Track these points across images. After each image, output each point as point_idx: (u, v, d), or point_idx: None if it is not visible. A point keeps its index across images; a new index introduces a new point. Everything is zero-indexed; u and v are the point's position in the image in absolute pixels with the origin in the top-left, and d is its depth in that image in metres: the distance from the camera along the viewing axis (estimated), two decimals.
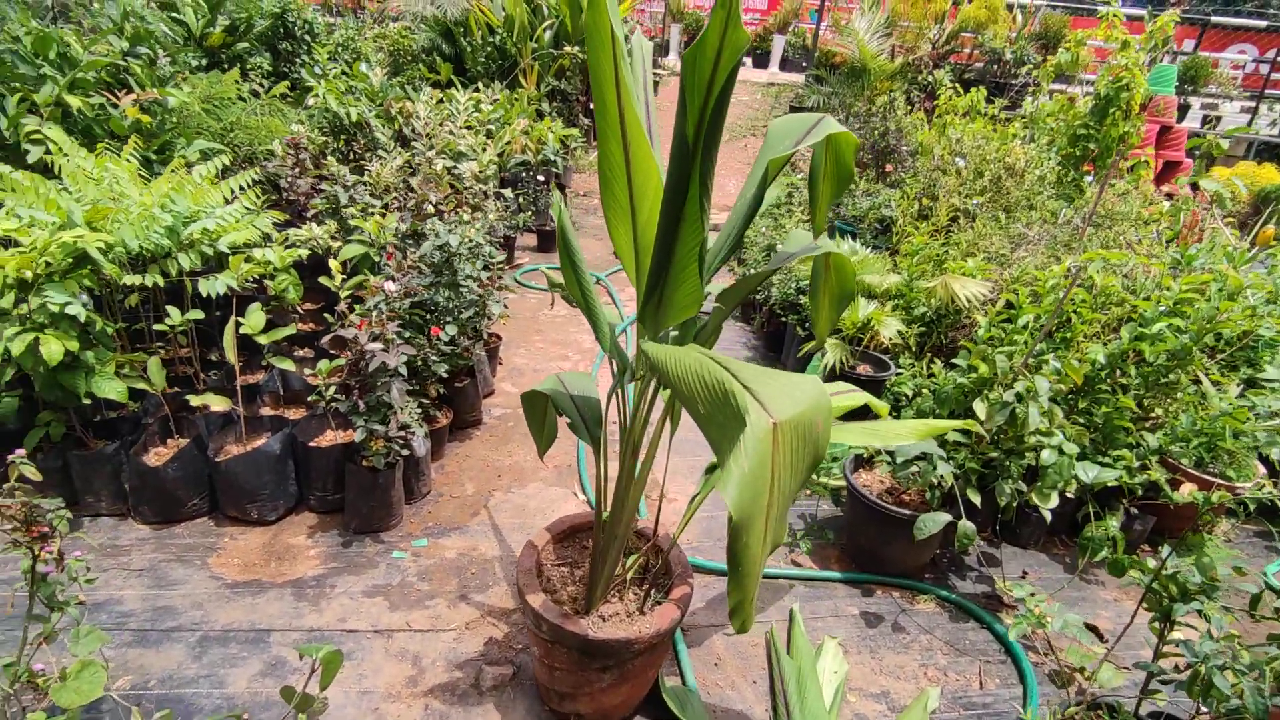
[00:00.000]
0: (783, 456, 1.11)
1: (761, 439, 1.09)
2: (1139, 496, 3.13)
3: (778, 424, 1.10)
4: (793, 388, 1.17)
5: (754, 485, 1.08)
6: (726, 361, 1.25)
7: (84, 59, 4.53)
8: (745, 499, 1.08)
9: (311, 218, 4.33)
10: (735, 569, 1.17)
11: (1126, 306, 3.25)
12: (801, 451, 1.14)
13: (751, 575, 1.16)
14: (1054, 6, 15.26)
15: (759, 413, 1.11)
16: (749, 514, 1.10)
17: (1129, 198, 5.38)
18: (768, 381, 1.18)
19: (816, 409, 1.15)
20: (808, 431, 1.13)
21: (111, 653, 2.35)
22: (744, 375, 1.19)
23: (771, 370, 1.23)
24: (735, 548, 1.14)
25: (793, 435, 1.11)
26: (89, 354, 2.59)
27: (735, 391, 1.14)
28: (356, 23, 9.96)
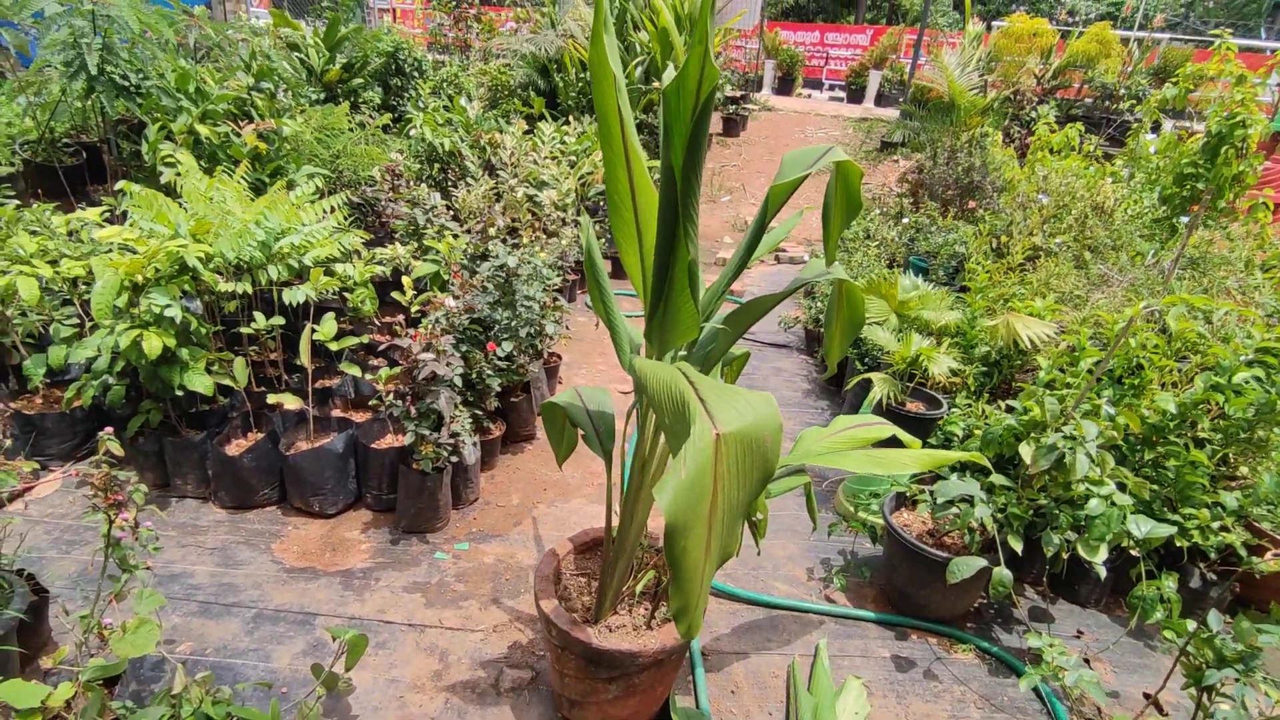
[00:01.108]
0: (726, 467, 1.15)
1: (703, 449, 1.13)
2: (1217, 562, 2.88)
3: (720, 435, 1.14)
4: (744, 404, 1.21)
5: (691, 492, 1.12)
6: (695, 378, 1.30)
7: (215, 93, 5.11)
8: (680, 504, 1.13)
9: (396, 238, 4.68)
10: (675, 572, 1.20)
11: (1209, 355, 3.03)
12: (748, 464, 1.17)
13: (692, 581, 1.20)
14: (1179, 40, 14.38)
15: (704, 423, 1.15)
16: (685, 520, 1.14)
17: (1240, 242, 4.98)
18: (721, 396, 1.22)
19: (765, 426, 1.18)
20: (754, 445, 1.16)
21: (179, 620, 2.60)
22: (703, 389, 1.24)
23: (733, 388, 1.27)
24: (673, 551, 1.18)
25: (737, 447, 1.15)
26: (184, 351, 2.91)
27: (690, 403, 1.19)
28: (461, 60, 10.68)
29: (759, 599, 2.91)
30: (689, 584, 1.20)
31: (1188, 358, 3.15)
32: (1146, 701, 2.35)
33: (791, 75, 16.61)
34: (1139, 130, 6.33)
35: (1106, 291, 3.76)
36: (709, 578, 1.25)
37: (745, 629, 2.80)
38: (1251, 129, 5.55)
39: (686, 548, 1.17)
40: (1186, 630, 1.78)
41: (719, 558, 1.23)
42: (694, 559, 1.18)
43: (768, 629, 2.80)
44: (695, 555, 1.18)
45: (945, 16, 22.24)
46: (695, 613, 1.25)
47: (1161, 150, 6.18)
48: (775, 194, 1.62)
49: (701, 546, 1.18)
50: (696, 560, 1.18)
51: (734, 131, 12.32)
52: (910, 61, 14.43)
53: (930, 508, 2.77)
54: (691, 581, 1.20)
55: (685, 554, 1.17)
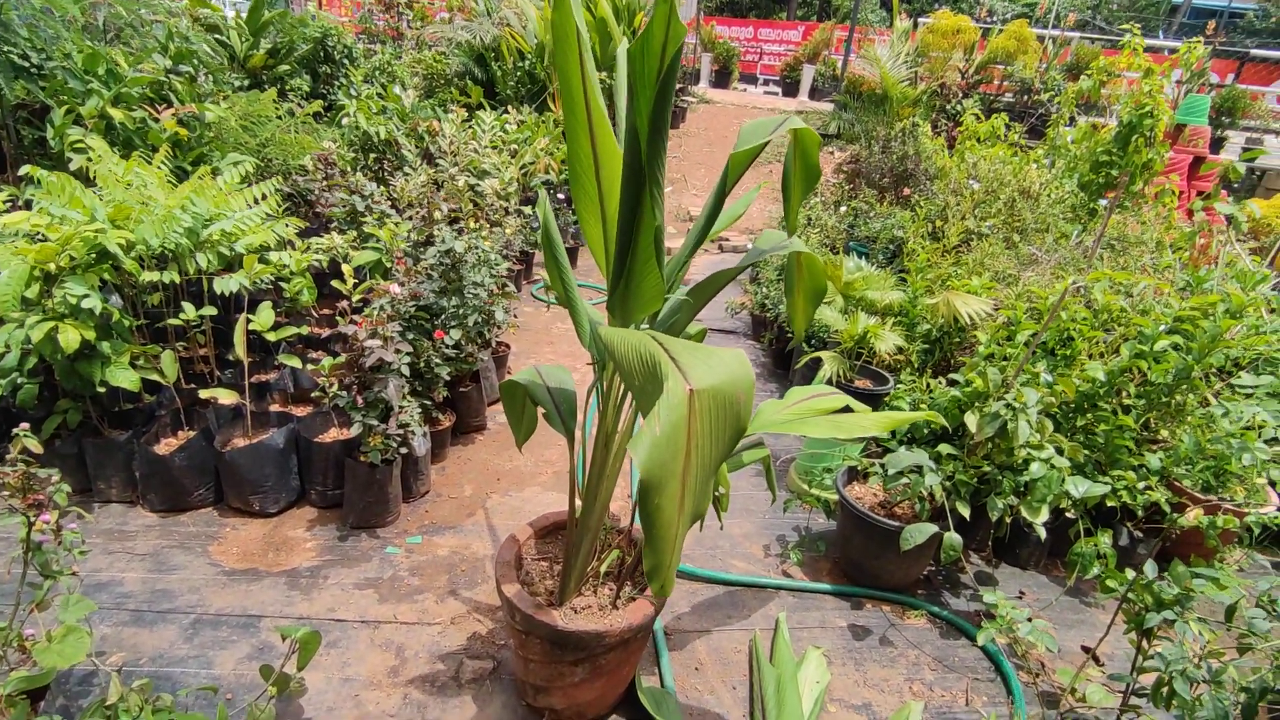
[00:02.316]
0: (700, 424, 1.14)
1: (676, 405, 1.12)
2: (1143, 520, 3.06)
3: (694, 391, 1.13)
4: (716, 361, 1.21)
5: (667, 448, 1.11)
6: (664, 339, 1.29)
7: (129, 76, 4.80)
8: (655, 461, 1.11)
9: (333, 227, 4.50)
10: (649, 530, 1.19)
11: (1131, 326, 3.21)
12: (721, 421, 1.17)
13: (666, 539, 1.19)
14: (1088, 39, 15.20)
15: (677, 380, 1.14)
16: (659, 476, 1.13)
17: (1150, 224, 5.30)
18: (693, 355, 1.21)
19: (736, 381, 1.18)
20: (727, 402, 1.16)
21: (109, 630, 2.44)
22: (673, 349, 1.23)
23: (703, 346, 1.26)
24: (647, 508, 1.16)
25: (711, 403, 1.15)
26: (105, 344, 2.72)
27: (662, 362, 1.17)
28: (394, 49, 10.36)
29: (718, 577, 2.93)
30: (662, 542, 1.19)
31: (1112, 329, 3.33)
32: (1087, 655, 2.48)
33: (728, 69, 16.80)
34: (1058, 121, 6.66)
35: (1036, 270, 3.93)
36: (682, 536, 1.24)
37: (706, 607, 2.82)
38: (1158, 119, 5.93)
39: (660, 505, 1.15)
40: (1125, 580, 1.88)
41: (691, 516, 1.22)
42: (668, 516, 1.17)
43: (728, 606, 2.83)
44: (669, 513, 1.16)
45: (875, 14, 22.90)
46: (668, 571, 1.24)
47: (1078, 140, 6.53)
48: (735, 162, 1.62)
49: (675, 504, 1.17)
50: (670, 518, 1.17)
51: (674, 124, 12.38)
52: (842, 56, 14.81)
53: (882, 479, 2.85)
54: (665, 539, 1.19)
55: (659, 511, 1.16)
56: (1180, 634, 1.63)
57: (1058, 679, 2.56)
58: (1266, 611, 1.57)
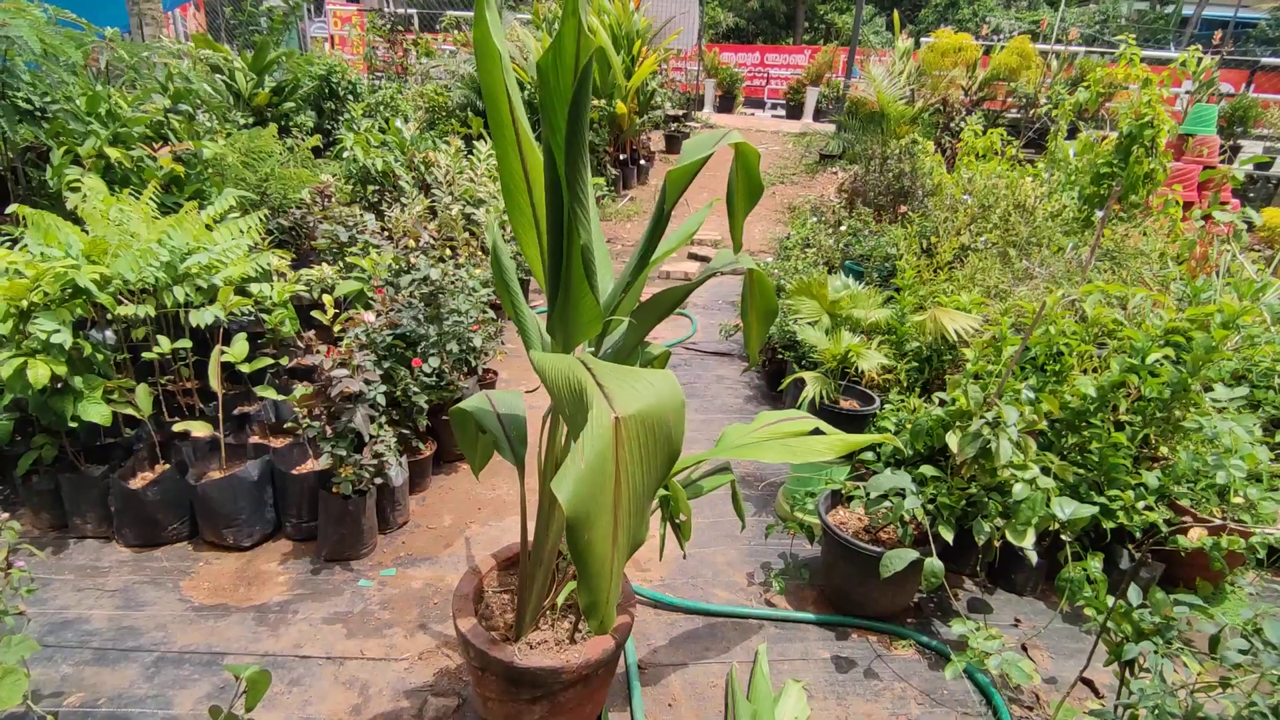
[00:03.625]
0: (629, 452, 1.09)
1: (601, 434, 1.07)
2: (1143, 541, 2.92)
3: (620, 419, 1.08)
4: (644, 385, 1.15)
5: (593, 481, 1.06)
6: (594, 364, 1.24)
7: (128, 116, 4.91)
8: (581, 495, 1.06)
9: (324, 258, 4.53)
10: (582, 568, 1.13)
11: (1124, 339, 3.10)
12: (652, 448, 1.11)
13: (601, 575, 1.13)
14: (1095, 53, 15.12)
15: (602, 407, 1.09)
16: (587, 510, 1.07)
17: (1153, 235, 5.18)
18: (621, 380, 1.16)
19: (666, 405, 1.12)
20: (657, 426, 1.11)
21: (70, 669, 2.40)
22: (600, 374, 1.17)
23: (633, 370, 1.21)
24: (577, 546, 1.10)
25: (640, 430, 1.09)
26: (77, 379, 2.73)
27: (588, 389, 1.12)
28: (399, 83, 10.57)
29: (696, 607, 2.84)
30: (597, 578, 1.13)
31: (1105, 344, 3.22)
32: (1078, 682, 2.35)
33: (732, 94, 16.92)
34: (1057, 133, 6.58)
35: (1029, 284, 3.84)
36: (619, 570, 1.17)
37: (683, 639, 2.72)
38: (1159, 129, 5.83)
39: (591, 541, 1.09)
40: (1105, 607, 1.77)
41: (628, 548, 1.16)
42: (600, 551, 1.11)
43: (706, 638, 2.73)
44: (601, 548, 1.10)
45: (878, 35, 23.04)
46: (607, 608, 1.17)
47: (1080, 152, 6.44)
48: (673, 179, 1.58)
49: (608, 538, 1.11)
50: (603, 553, 1.11)
51: (676, 148, 12.45)
52: (844, 78, 14.86)
53: (864, 503, 2.75)
54: (600, 575, 1.12)
55: (590, 547, 1.10)
56: (1155, 667, 1.52)
57: (1052, 712, 2.42)
58: (1249, 641, 1.46)
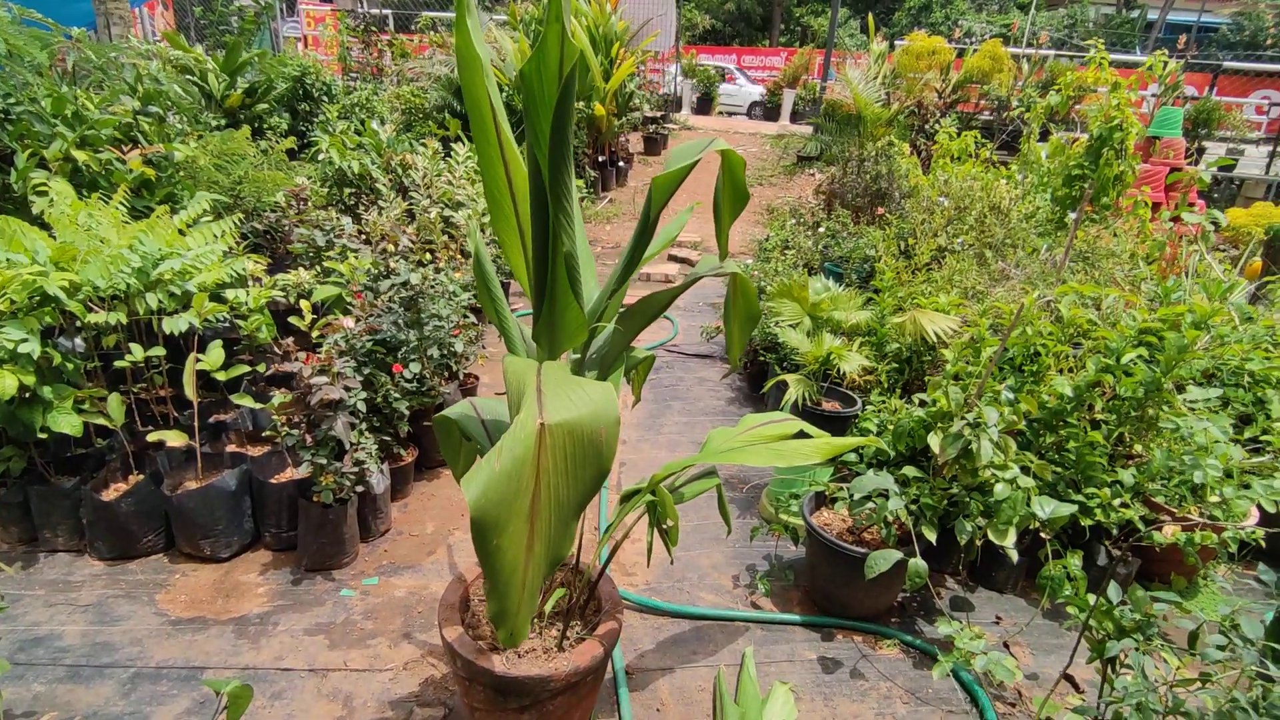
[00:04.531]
0: (553, 461, 1.08)
1: (523, 439, 1.06)
2: (1120, 538, 2.98)
3: (545, 425, 1.07)
4: (580, 395, 1.15)
5: (506, 485, 1.04)
6: (547, 372, 1.23)
7: (96, 118, 4.80)
8: (491, 498, 1.04)
9: (300, 262, 4.46)
10: (489, 574, 1.12)
11: (1099, 340, 3.16)
12: (578, 458, 1.10)
13: (510, 583, 1.11)
14: (1064, 57, 15.42)
15: (530, 412, 1.08)
16: (497, 515, 1.06)
17: (1124, 236, 5.29)
18: (560, 389, 1.16)
19: (598, 417, 1.12)
20: (586, 438, 1.10)
21: (42, 688, 2.33)
22: (547, 381, 1.17)
23: (579, 380, 1.20)
24: (485, 549, 1.09)
25: (566, 440, 1.08)
26: (46, 389, 2.66)
27: (527, 393, 1.11)
28: (375, 85, 10.46)
29: (683, 611, 2.84)
30: (507, 586, 1.11)
31: (1080, 344, 3.28)
32: (1061, 679, 2.38)
33: (710, 95, 16.99)
34: (1030, 135, 6.69)
35: (1006, 285, 3.90)
36: (533, 581, 1.15)
37: (670, 643, 2.72)
38: (1128, 131, 5.96)
39: (500, 546, 1.08)
40: (1087, 605, 1.80)
41: (547, 561, 1.14)
42: (510, 559, 1.09)
43: (693, 641, 2.73)
44: (512, 555, 1.09)
45: (853, 38, 23.27)
46: (516, 620, 1.16)
47: (1051, 155, 6.56)
48: (659, 186, 1.58)
49: (520, 546, 1.09)
50: (514, 561, 1.09)
51: (655, 150, 12.47)
52: (821, 80, 14.99)
53: (848, 505, 2.77)
54: (510, 584, 1.11)
55: (499, 553, 1.08)
56: (1137, 664, 1.55)
57: (1035, 708, 2.46)
58: (1227, 637, 1.49)
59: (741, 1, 28.32)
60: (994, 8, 27.61)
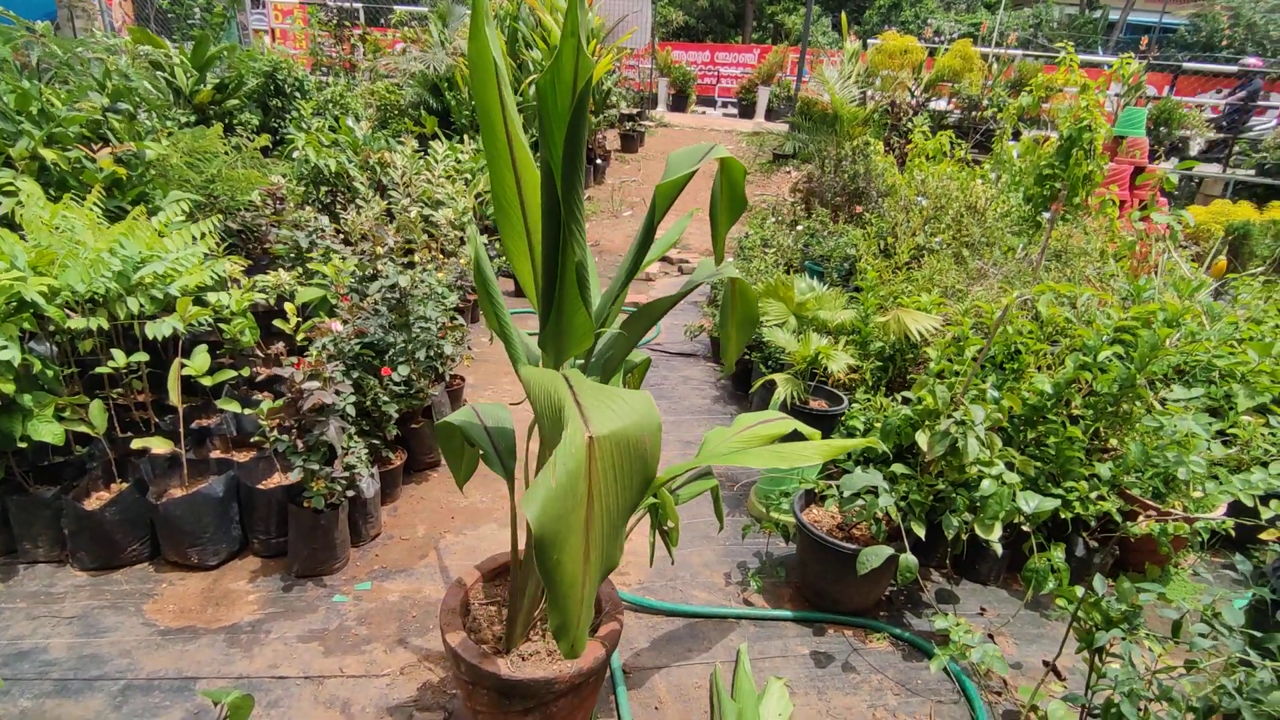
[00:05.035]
0: (602, 472, 1.10)
1: (574, 453, 1.08)
2: (1098, 530, 3.08)
3: (594, 438, 1.09)
4: (621, 405, 1.17)
5: (563, 500, 1.06)
6: (576, 381, 1.25)
7: (64, 115, 4.66)
8: (551, 514, 1.06)
9: (280, 264, 4.39)
10: (551, 589, 1.14)
11: (1076, 338, 3.26)
12: (627, 468, 1.12)
13: (571, 596, 1.14)
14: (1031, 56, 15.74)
15: (576, 425, 1.10)
16: (556, 530, 1.08)
17: (1094, 235, 5.43)
18: (599, 398, 1.17)
19: (643, 426, 1.14)
20: (633, 447, 1.12)
21: (28, 703, 2.29)
22: (581, 391, 1.18)
23: (613, 389, 1.22)
24: (545, 565, 1.11)
25: (614, 451, 1.10)
26: (26, 397, 2.60)
27: (566, 406, 1.13)
28: (348, 80, 10.30)
29: (677, 609, 2.87)
30: (566, 600, 1.13)
31: (1058, 341, 3.38)
32: (1046, 669, 2.46)
33: (685, 93, 17.02)
34: (1002, 136, 6.83)
35: (984, 284, 3.99)
36: (590, 592, 1.18)
37: (665, 641, 2.75)
38: (1097, 132, 6.12)
39: (561, 561, 1.10)
40: (1075, 597, 1.87)
41: (600, 570, 1.17)
42: (570, 573, 1.11)
43: (688, 639, 2.76)
44: (571, 569, 1.11)
45: (826, 36, 23.46)
46: (577, 630, 1.18)
47: (1023, 154, 6.72)
48: (661, 193, 1.59)
49: (578, 559, 1.11)
50: (574, 574, 1.12)
51: (632, 147, 12.47)
52: (795, 78, 15.11)
53: (838, 502, 2.82)
54: (570, 597, 1.13)
55: (559, 568, 1.10)
56: (1126, 652, 1.62)
57: (1020, 697, 2.54)
58: (1210, 625, 1.57)
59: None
60: (962, 7, 28.05)
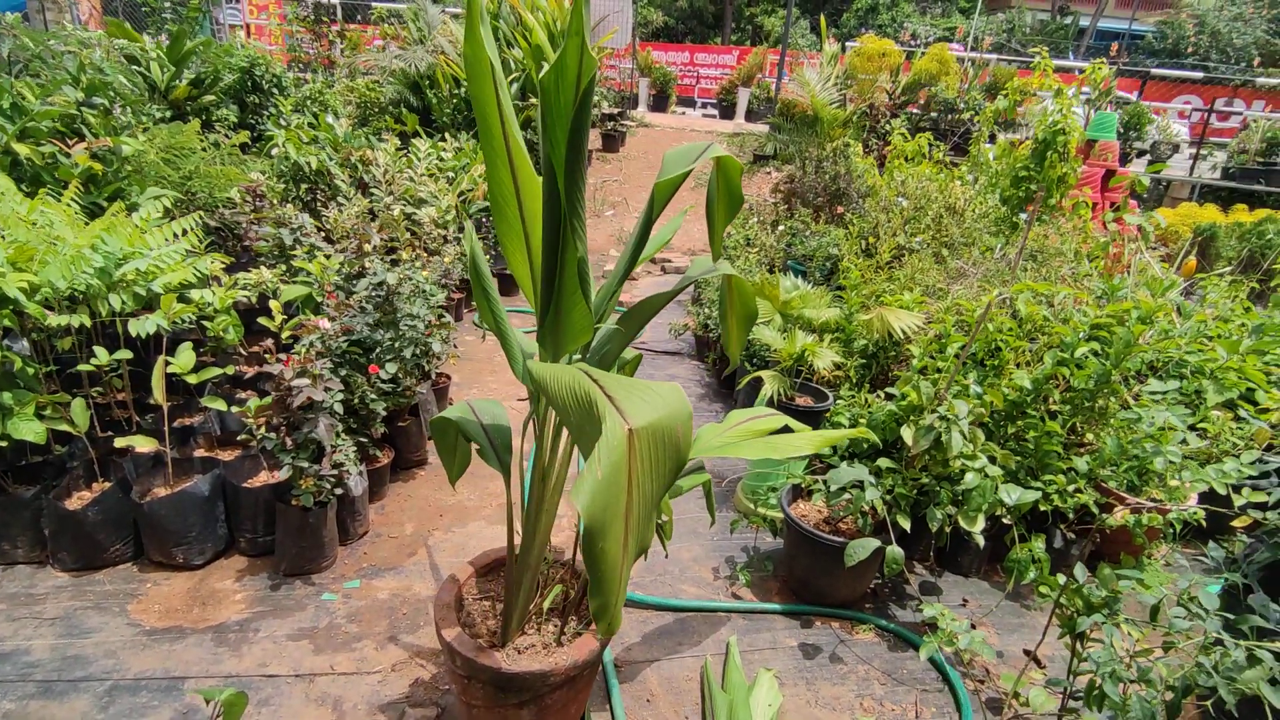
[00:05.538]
0: (640, 463, 1.13)
1: (616, 445, 1.11)
2: (1075, 521, 3.16)
3: (633, 430, 1.12)
4: (653, 396, 1.19)
5: (608, 491, 1.09)
6: (598, 375, 1.27)
7: (36, 109, 4.57)
8: (598, 505, 1.09)
9: (262, 261, 4.35)
10: (594, 573, 1.17)
11: (1054, 335, 3.34)
12: (662, 457, 1.16)
13: (611, 580, 1.17)
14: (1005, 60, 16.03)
15: (615, 419, 1.12)
16: (603, 520, 1.11)
17: (1068, 236, 5.56)
18: (630, 391, 1.20)
19: (675, 416, 1.17)
20: (667, 437, 1.15)
21: (11, 705, 2.25)
22: (609, 386, 1.21)
23: (639, 381, 1.25)
24: (592, 552, 1.14)
25: (650, 441, 1.14)
26: (6, 395, 2.55)
27: (598, 401, 1.16)
28: (326, 77, 10.19)
29: (667, 603, 2.90)
30: (608, 583, 1.17)
31: (1036, 338, 3.46)
32: (1028, 658, 2.53)
33: (666, 93, 17.07)
34: (979, 139, 6.96)
35: (964, 283, 4.08)
36: (627, 574, 1.22)
37: (656, 635, 2.78)
38: (1070, 135, 6.26)
39: (605, 548, 1.13)
40: (1058, 585, 1.93)
41: (636, 552, 1.20)
42: (613, 558, 1.15)
43: (678, 633, 2.79)
44: (614, 554, 1.14)
45: (805, 38, 23.68)
46: (615, 610, 1.22)
47: (999, 157, 6.85)
48: (660, 190, 1.62)
49: (619, 544, 1.15)
50: (615, 559, 1.15)
51: (613, 147, 12.48)
52: (775, 80, 15.24)
53: (825, 496, 2.87)
54: (610, 580, 1.17)
55: (604, 555, 1.14)
56: (1108, 636, 1.68)
57: (1002, 684, 2.60)
58: (1187, 610, 1.63)
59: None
60: (937, 11, 28.47)
